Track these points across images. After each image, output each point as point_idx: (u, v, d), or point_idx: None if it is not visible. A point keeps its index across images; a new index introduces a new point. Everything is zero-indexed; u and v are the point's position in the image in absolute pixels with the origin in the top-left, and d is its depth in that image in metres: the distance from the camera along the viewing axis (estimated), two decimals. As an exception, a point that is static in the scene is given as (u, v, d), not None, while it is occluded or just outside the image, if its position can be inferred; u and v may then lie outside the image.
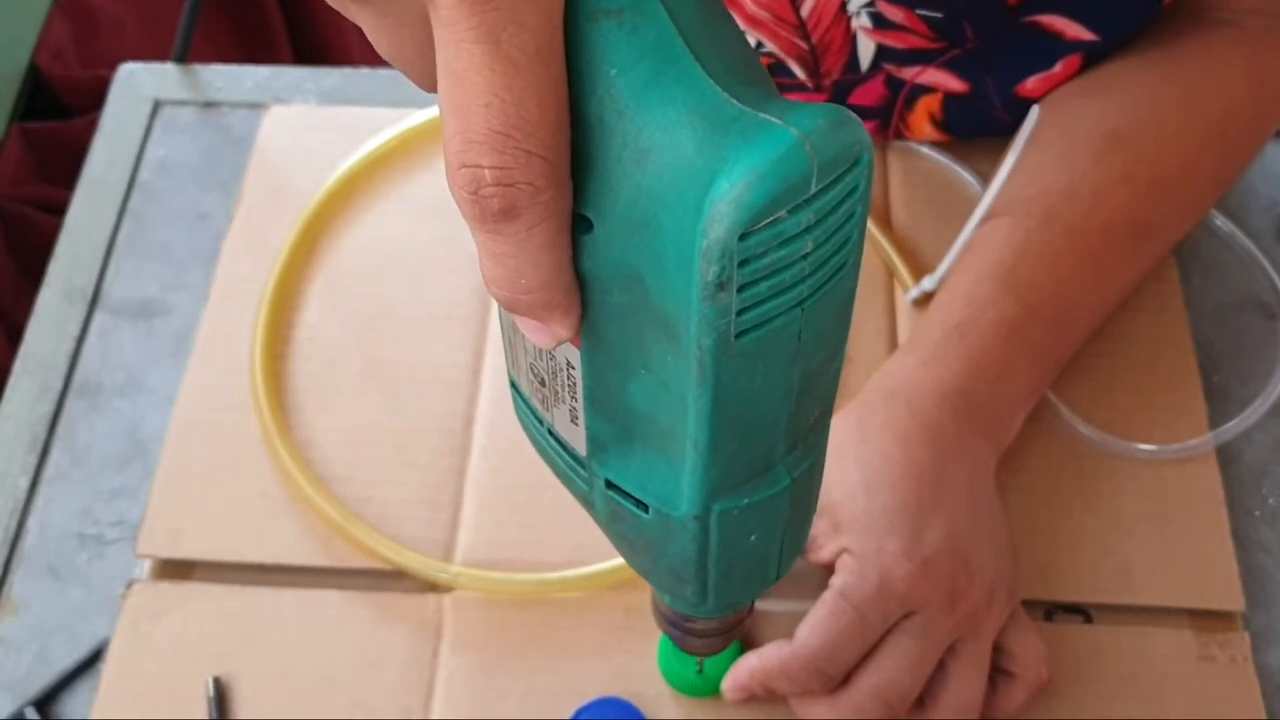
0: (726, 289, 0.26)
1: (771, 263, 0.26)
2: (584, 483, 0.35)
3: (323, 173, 0.68)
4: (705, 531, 0.33)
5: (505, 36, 0.25)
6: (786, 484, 0.33)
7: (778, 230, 0.25)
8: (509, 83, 0.25)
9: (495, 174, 0.25)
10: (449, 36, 0.25)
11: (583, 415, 0.33)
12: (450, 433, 0.60)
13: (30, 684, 0.56)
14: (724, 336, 0.27)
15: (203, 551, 0.57)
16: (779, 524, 0.35)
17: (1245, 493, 0.60)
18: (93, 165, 0.72)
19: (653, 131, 0.26)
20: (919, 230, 0.66)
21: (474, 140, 0.25)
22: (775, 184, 0.25)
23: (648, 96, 0.26)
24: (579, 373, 0.32)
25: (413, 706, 0.53)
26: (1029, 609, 0.55)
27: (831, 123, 0.25)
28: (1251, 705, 0.54)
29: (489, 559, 0.57)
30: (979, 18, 0.59)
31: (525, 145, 0.25)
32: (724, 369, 0.28)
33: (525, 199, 0.26)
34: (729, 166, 0.25)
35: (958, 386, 0.53)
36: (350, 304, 0.65)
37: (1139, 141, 0.58)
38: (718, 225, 0.25)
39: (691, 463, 0.31)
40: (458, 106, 0.25)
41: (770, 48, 0.63)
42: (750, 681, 0.50)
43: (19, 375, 0.64)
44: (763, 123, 0.25)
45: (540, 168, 0.26)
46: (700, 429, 0.30)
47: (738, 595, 0.37)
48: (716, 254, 0.25)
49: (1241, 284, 0.66)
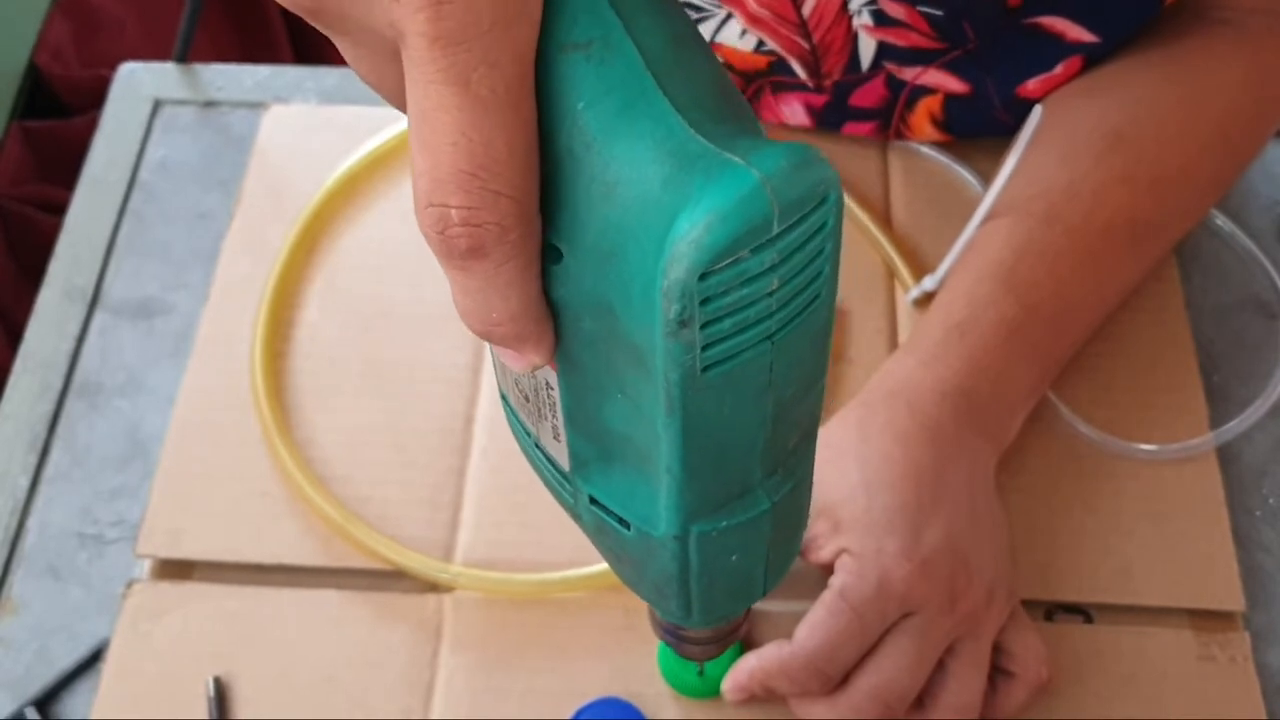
0: (689, 326, 0.26)
1: (735, 300, 0.26)
2: (569, 496, 0.35)
3: (323, 172, 0.68)
4: (685, 551, 0.33)
5: (475, 77, 0.25)
6: (766, 507, 0.33)
7: (740, 269, 0.25)
8: (477, 122, 0.25)
9: (462, 214, 0.25)
10: (418, 76, 0.25)
11: (564, 433, 0.33)
12: (450, 432, 0.60)
13: (30, 684, 0.56)
14: (689, 371, 0.27)
15: (203, 551, 0.57)
16: (761, 545, 0.35)
17: (1245, 492, 0.60)
18: (93, 165, 0.72)
19: (620, 165, 0.26)
20: (919, 230, 0.66)
21: (441, 179, 0.25)
22: (735, 225, 0.25)
23: (615, 130, 0.26)
24: (557, 394, 0.32)
25: (413, 706, 0.53)
26: (1029, 609, 0.55)
27: (795, 164, 0.25)
28: (1252, 705, 0.54)
29: (489, 559, 0.57)
30: (980, 18, 0.59)
31: (492, 185, 0.25)
32: (691, 401, 0.28)
33: (492, 239, 0.26)
34: (690, 206, 0.25)
35: (958, 386, 0.53)
36: (350, 304, 0.65)
37: (1140, 141, 0.58)
38: (677, 265, 0.25)
39: (667, 486, 0.31)
40: (426, 144, 0.25)
41: (772, 45, 0.63)
42: (749, 682, 0.50)
43: (19, 375, 0.64)
44: (726, 162, 0.25)
45: (507, 207, 0.26)
46: (672, 456, 0.30)
47: (723, 610, 0.37)
48: (677, 293, 0.25)
49: (1242, 284, 0.66)
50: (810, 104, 0.67)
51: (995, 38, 0.60)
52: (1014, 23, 0.59)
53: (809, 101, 0.67)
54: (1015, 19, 0.59)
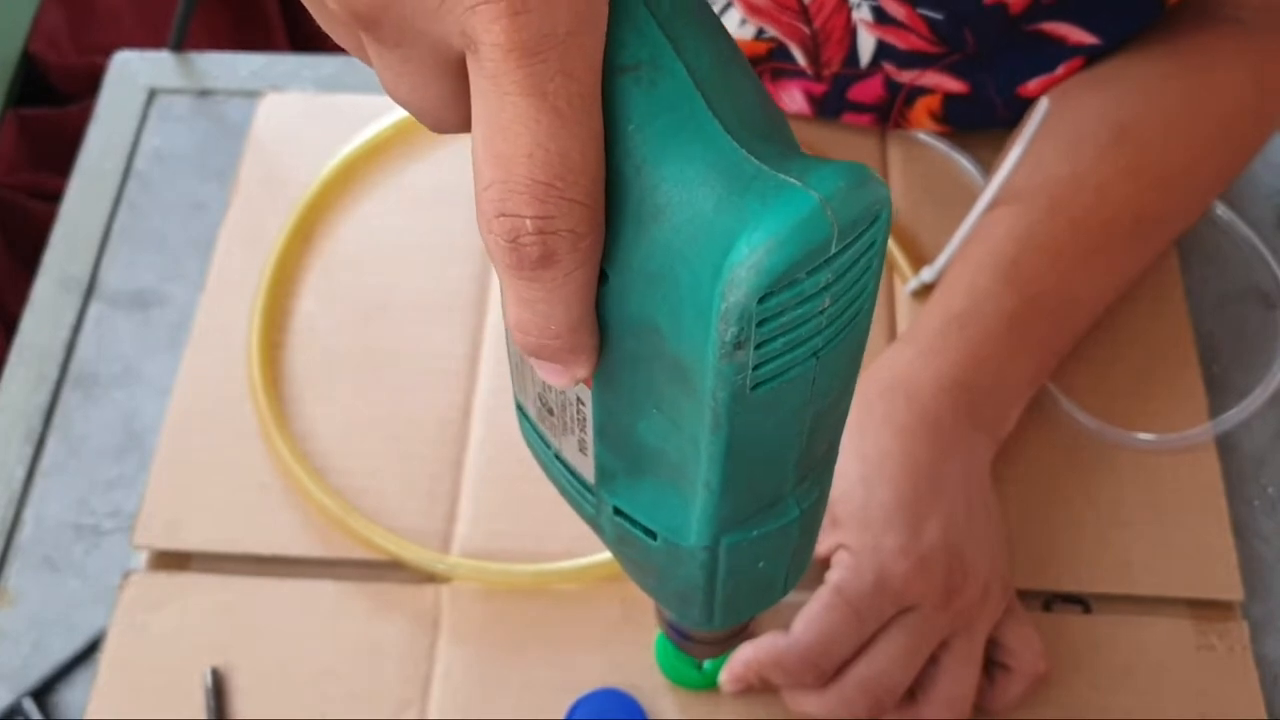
0: (744, 348, 0.26)
1: (789, 320, 0.26)
2: (591, 507, 0.35)
3: (319, 161, 0.68)
4: (714, 561, 0.33)
5: (552, 88, 0.24)
6: (796, 515, 0.33)
7: (796, 291, 0.25)
8: (554, 133, 0.25)
9: (537, 223, 0.25)
10: (492, 88, 0.24)
11: (591, 447, 0.33)
12: (448, 423, 0.60)
13: (27, 675, 0.55)
14: (739, 390, 0.27)
15: (200, 542, 0.57)
16: (787, 551, 0.35)
17: (1244, 482, 0.60)
18: (88, 154, 0.71)
19: (670, 187, 0.25)
20: (918, 220, 0.66)
21: (515, 190, 0.25)
22: (796, 249, 0.24)
23: (665, 152, 0.25)
24: (589, 409, 0.31)
25: (410, 697, 0.53)
26: (1027, 599, 0.55)
27: (852, 184, 0.25)
28: (1250, 695, 0.54)
29: (487, 550, 0.56)
30: (980, 25, 0.59)
31: (569, 194, 0.25)
32: (738, 419, 0.28)
33: (565, 246, 0.26)
34: (749, 230, 0.24)
35: (957, 379, 0.53)
36: (347, 293, 0.64)
37: (1144, 135, 0.58)
38: (737, 289, 0.25)
39: (703, 500, 0.31)
40: (499, 156, 0.25)
41: (773, 33, 0.63)
42: (745, 673, 0.50)
43: (14, 365, 0.64)
44: (783, 184, 0.25)
45: (582, 214, 0.25)
46: (712, 471, 0.29)
47: (743, 614, 0.38)
48: (735, 316, 0.25)
49: (1242, 274, 0.66)
50: (810, 92, 0.67)
51: (996, 43, 0.60)
52: (1015, 29, 0.59)
53: (809, 89, 0.66)
54: (1017, 25, 0.59)
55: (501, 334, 0.63)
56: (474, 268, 0.65)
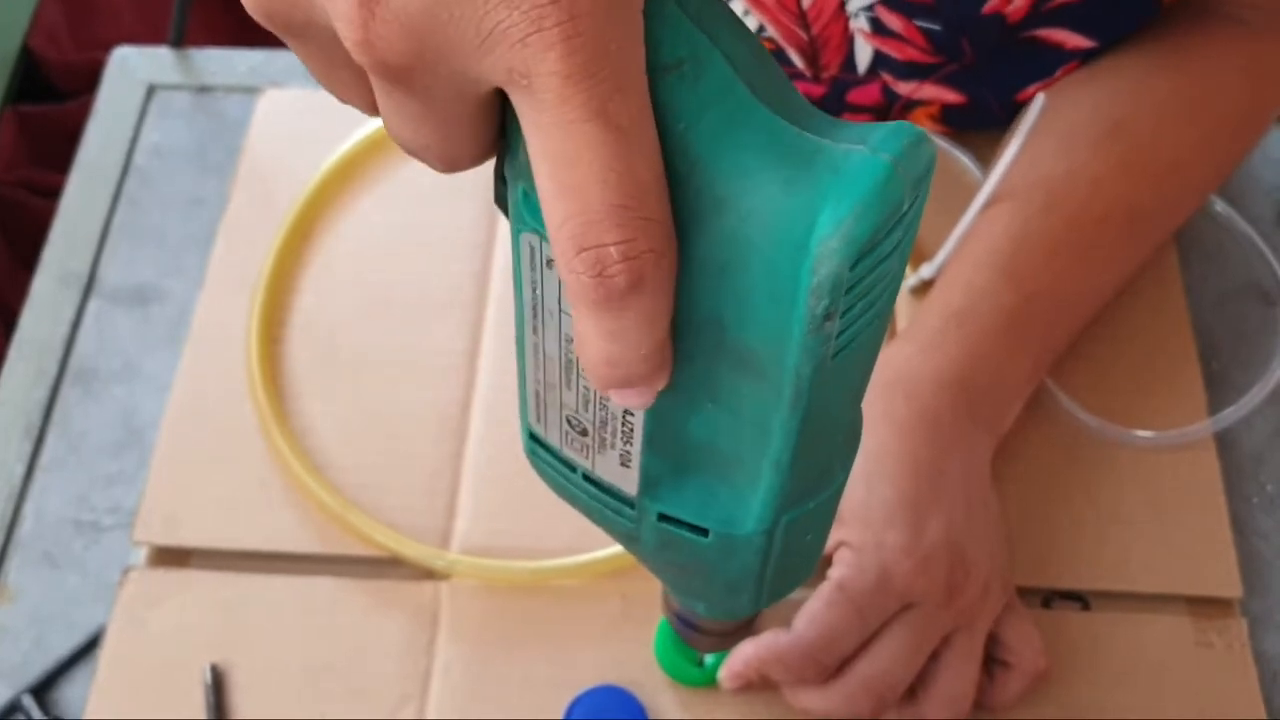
0: (833, 318, 0.26)
1: (869, 283, 0.26)
2: (630, 521, 0.34)
3: (318, 157, 0.68)
4: (770, 543, 0.33)
5: (611, 107, 0.23)
6: (842, 480, 0.33)
7: (878, 253, 0.25)
8: (621, 153, 0.24)
9: (621, 249, 0.24)
10: (555, 119, 0.23)
11: (637, 458, 0.32)
12: (447, 419, 0.60)
13: (27, 671, 0.56)
14: (822, 361, 0.27)
15: (199, 538, 0.57)
16: (830, 519, 0.35)
17: (1243, 479, 0.60)
18: (87, 150, 0.71)
19: (729, 179, 0.25)
20: (917, 216, 0.66)
21: (593, 220, 0.24)
22: (880, 212, 0.25)
23: (719, 145, 0.25)
24: (638, 418, 0.31)
25: (410, 693, 0.53)
26: (1026, 596, 0.55)
27: (913, 142, 0.25)
28: (1248, 691, 0.54)
29: (486, 546, 0.57)
30: (978, 34, 0.59)
31: (644, 213, 0.24)
32: (817, 390, 0.28)
33: (650, 267, 0.25)
34: (831, 202, 0.24)
35: (956, 376, 0.53)
36: (346, 289, 0.64)
37: (1139, 131, 0.58)
38: (829, 261, 0.25)
39: (768, 481, 0.31)
40: (568, 188, 0.24)
41: (772, 33, 0.63)
42: (746, 669, 0.50)
43: (14, 361, 0.64)
44: (848, 153, 0.25)
45: (658, 231, 0.25)
46: (785, 449, 0.29)
47: (784, 593, 0.38)
48: (828, 288, 0.25)
49: (1241, 270, 0.66)
50: (808, 94, 0.67)
51: (993, 51, 0.60)
52: (1013, 37, 0.59)
53: (807, 91, 0.66)
54: (1014, 33, 0.59)
55: (501, 332, 0.63)
56: (474, 264, 0.65)
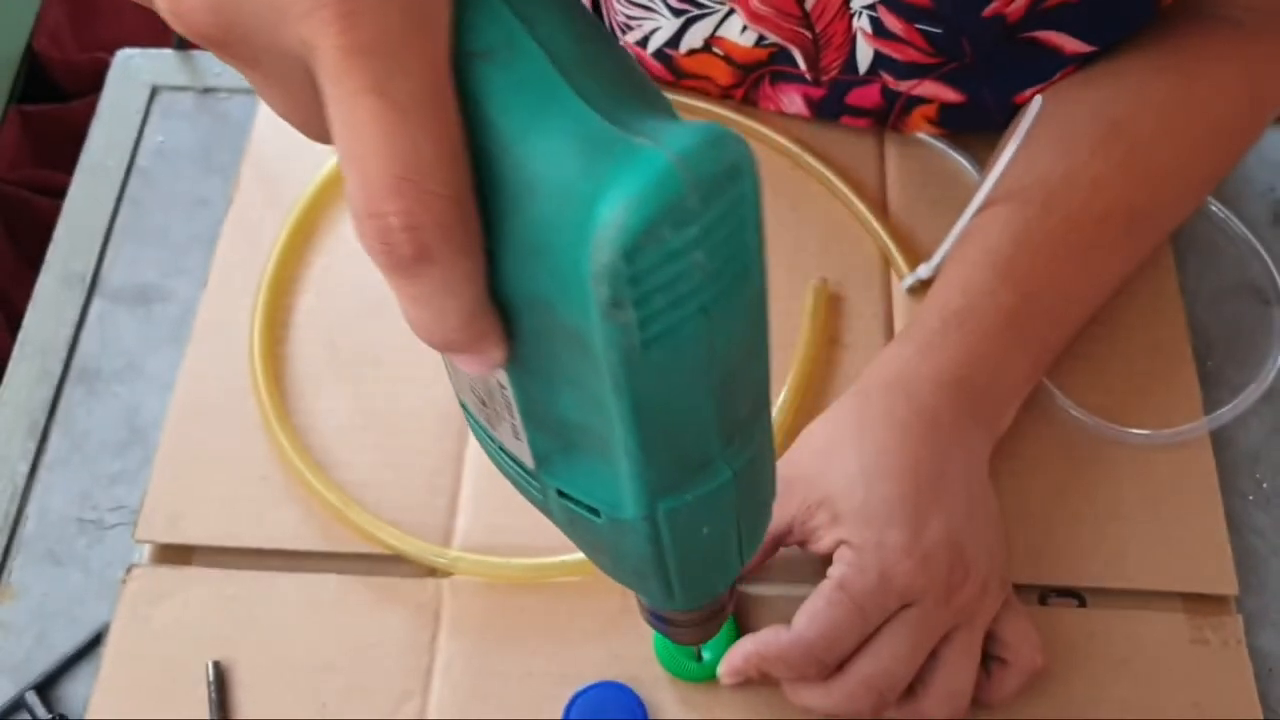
0: (623, 307, 0.26)
1: (664, 277, 0.26)
2: (538, 493, 0.36)
3: (321, 157, 0.68)
4: (656, 530, 0.33)
5: (392, 85, 0.25)
6: (729, 476, 0.33)
7: (664, 247, 0.26)
8: (401, 129, 0.25)
9: (400, 218, 0.26)
10: (337, 90, 0.25)
11: (523, 431, 0.33)
12: (449, 417, 0.60)
13: (31, 668, 0.56)
14: (630, 350, 0.27)
15: (202, 536, 0.57)
16: (730, 515, 0.35)
17: (1239, 477, 0.60)
18: (91, 151, 0.72)
19: (536, 162, 0.26)
20: (914, 217, 0.66)
21: (374, 189, 0.26)
22: (652, 205, 0.25)
23: (529, 129, 0.26)
24: (510, 393, 0.32)
25: (411, 690, 0.54)
26: (1023, 593, 0.55)
27: (706, 141, 0.26)
28: (1244, 688, 0.54)
29: (487, 544, 0.57)
30: (977, 35, 0.59)
31: (426, 187, 0.26)
32: (637, 379, 0.28)
33: (436, 239, 0.26)
34: (608, 191, 0.25)
35: (955, 375, 0.53)
36: (349, 289, 0.65)
37: (1137, 132, 0.58)
38: (602, 250, 0.25)
39: (627, 467, 0.31)
40: (354, 157, 0.26)
41: (774, 40, 0.63)
42: (746, 666, 0.51)
43: (18, 360, 0.64)
44: (637, 146, 0.26)
45: (444, 206, 0.26)
46: (627, 435, 0.30)
47: (703, 588, 0.38)
48: (606, 276, 0.26)
49: (1237, 269, 0.66)
50: (809, 95, 0.67)
51: (992, 53, 0.60)
52: (1012, 38, 0.59)
53: (807, 93, 0.67)
54: (1013, 35, 0.59)
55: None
56: (474, 264, 0.65)
